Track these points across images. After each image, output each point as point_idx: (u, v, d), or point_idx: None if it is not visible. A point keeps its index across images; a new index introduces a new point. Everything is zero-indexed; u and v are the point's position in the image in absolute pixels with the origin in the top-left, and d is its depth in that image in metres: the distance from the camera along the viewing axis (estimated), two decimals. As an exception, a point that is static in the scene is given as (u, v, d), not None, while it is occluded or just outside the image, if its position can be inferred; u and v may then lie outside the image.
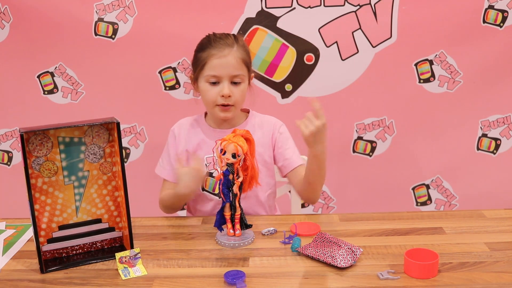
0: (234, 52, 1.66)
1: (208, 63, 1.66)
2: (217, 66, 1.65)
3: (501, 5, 2.32)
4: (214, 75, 1.66)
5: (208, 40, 1.70)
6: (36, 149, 1.32)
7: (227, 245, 1.43)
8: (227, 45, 1.66)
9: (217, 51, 1.65)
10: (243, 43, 1.72)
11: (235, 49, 1.67)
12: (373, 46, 2.38)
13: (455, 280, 1.23)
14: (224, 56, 1.65)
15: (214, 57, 1.65)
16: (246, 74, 1.70)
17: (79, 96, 2.47)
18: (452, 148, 2.49)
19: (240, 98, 1.69)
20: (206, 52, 1.67)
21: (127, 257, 1.32)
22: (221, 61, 1.65)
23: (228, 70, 1.65)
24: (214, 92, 1.67)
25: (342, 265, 1.28)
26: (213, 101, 1.68)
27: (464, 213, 1.62)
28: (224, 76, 1.66)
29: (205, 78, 1.67)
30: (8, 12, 2.37)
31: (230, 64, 1.65)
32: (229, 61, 1.65)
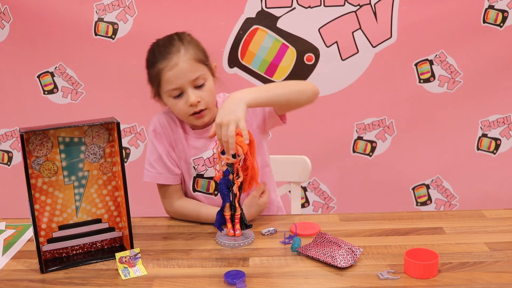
0: (183, 56, 1.52)
1: (163, 78, 1.53)
2: (172, 78, 1.51)
3: (501, 5, 2.32)
4: (174, 88, 1.53)
5: (153, 53, 1.57)
6: (36, 149, 1.32)
7: (227, 245, 1.43)
8: (173, 53, 1.52)
9: (166, 63, 1.52)
10: (190, 40, 1.58)
11: (182, 52, 1.53)
12: (373, 46, 2.38)
13: (455, 280, 1.23)
14: (175, 65, 1.51)
15: (165, 70, 1.52)
16: (206, 71, 1.56)
17: (79, 96, 2.47)
18: (452, 148, 2.49)
19: (209, 98, 1.56)
20: (156, 68, 1.53)
21: (127, 257, 1.32)
22: (174, 71, 1.51)
23: (185, 77, 1.52)
24: (181, 104, 1.54)
25: (342, 265, 1.28)
26: (185, 113, 1.56)
27: (464, 213, 1.62)
28: (184, 84, 1.52)
29: (167, 93, 1.55)
30: (8, 12, 2.38)
31: (184, 70, 1.51)
32: (182, 67, 1.51)
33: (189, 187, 1.67)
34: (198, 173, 1.64)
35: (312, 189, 2.58)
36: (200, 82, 1.54)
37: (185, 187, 1.69)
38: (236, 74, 2.42)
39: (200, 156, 1.62)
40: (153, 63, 1.55)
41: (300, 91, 1.58)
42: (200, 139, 1.63)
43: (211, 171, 1.62)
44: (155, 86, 1.58)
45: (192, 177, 1.65)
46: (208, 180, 1.65)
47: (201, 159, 1.62)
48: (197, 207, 1.62)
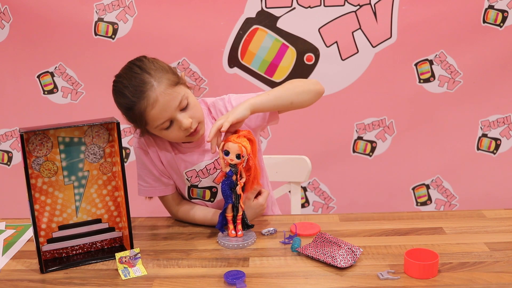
0: (158, 89, 1.42)
1: (148, 118, 1.44)
2: (157, 114, 1.43)
3: (501, 5, 2.32)
4: (163, 122, 1.44)
5: (124, 96, 1.45)
6: (36, 149, 1.32)
7: (231, 246, 1.43)
8: (147, 90, 1.42)
9: (145, 102, 1.41)
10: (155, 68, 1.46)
11: (155, 85, 1.42)
12: (373, 46, 2.38)
13: (455, 280, 1.23)
14: (155, 102, 1.41)
15: (147, 110, 1.42)
16: (183, 89, 1.47)
17: (79, 96, 2.47)
18: (452, 148, 2.49)
19: (198, 113, 1.49)
20: (136, 110, 1.43)
21: (127, 257, 1.32)
22: (157, 108, 1.42)
23: (170, 108, 1.43)
24: (175, 131, 1.47)
25: (342, 265, 1.28)
26: (181, 137, 1.50)
27: (464, 213, 1.62)
28: (172, 114, 1.44)
29: (158, 128, 1.47)
30: (8, 12, 2.38)
31: (167, 102, 1.42)
32: (163, 101, 1.42)
33: (185, 195, 1.65)
34: (192, 184, 1.61)
35: (312, 189, 2.58)
36: (184, 103, 1.45)
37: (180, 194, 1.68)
38: (236, 74, 2.42)
39: (193, 169, 1.58)
40: (130, 106, 1.44)
41: (304, 92, 1.55)
42: (191, 153, 1.58)
43: (205, 181, 1.60)
44: (141, 126, 1.50)
45: (186, 187, 1.63)
46: (203, 190, 1.62)
47: (193, 171, 1.59)
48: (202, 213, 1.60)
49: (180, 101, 1.44)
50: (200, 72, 2.42)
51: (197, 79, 2.43)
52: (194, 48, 2.40)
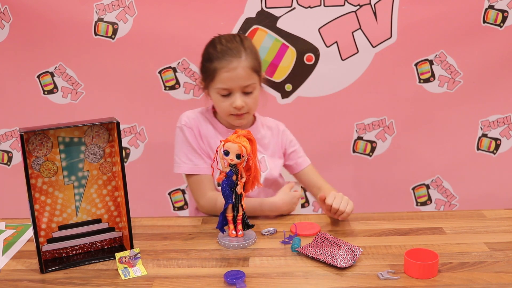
0: (242, 62, 1.62)
1: (217, 76, 1.62)
2: (226, 79, 1.61)
3: (501, 5, 2.32)
4: (224, 88, 1.63)
5: (215, 49, 1.65)
6: (36, 149, 1.32)
7: (231, 246, 1.43)
8: (234, 56, 1.62)
9: (226, 64, 1.61)
10: (251, 47, 1.67)
11: (243, 58, 1.62)
12: (373, 46, 2.38)
13: (455, 280, 1.23)
14: (233, 68, 1.61)
15: (223, 70, 1.61)
16: (256, 81, 1.67)
17: (79, 96, 2.47)
18: (452, 148, 2.49)
19: (253, 105, 1.68)
20: (214, 64, 1.63)
21: (127, 257, 1.32)
22: (230, 74, 1.61)
23: (238, 82, 1.62)
24: (227, 103, 1.64)
25: (342, 265, 1.28)
26: (227, 111, 1.66)
27: (464, 213, 1.62)
28: (235, 88, 1.63)
29: (216, 90, 1.65)
30: (8, 12, 2.37)
31: (240, 76, 1.61)
32: (239, 73, 1.61)
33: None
34: None
35: (312, 189, 2.57)
36: (249, 89, 1.64)
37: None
38: (236, 74, 2.41)
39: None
40: (212, 58, 1.64)
41: None
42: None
43: None
44: (207, 79, 1.67)
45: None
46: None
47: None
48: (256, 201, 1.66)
49: (248, 85, 1.63)
50: (200, 72, 2.42)
51: (197, 79, 2.43)
52: (194, 48, 2.38)
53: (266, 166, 1.76)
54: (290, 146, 1.82)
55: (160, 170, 2.53)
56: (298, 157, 1.83)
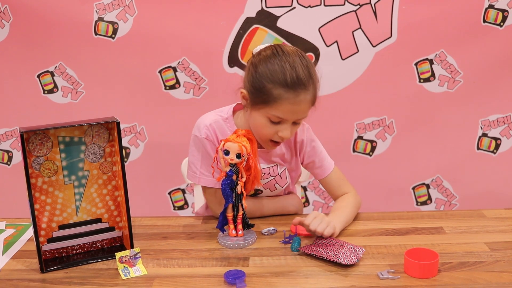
0: (307, 96, 1.45)
1: (279, 105, 1.44)
2: (287, 111, 1.45)
3: (501, 5, 2.32)
4: (280, 118, 1.46)
5: (282, 71, 1.43)
6: (36, 148, 1.32)
7: (231, 246, 1.43)
8: (303, 88, 1.44)
9: (293, 96, 1.43)
10: (315, 75, 1.49)
11: (310, 90, 1.46)
12: (373, 45, 2.38)
13: (455, 279, 1.23)
14: (299, 102, 1.44)
15: (287, 101, 1.43)
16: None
17: (79, 95, 2.47)
18: (452, 147, 2.49)
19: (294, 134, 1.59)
20: (279, 91, 1.43)
21: (127, 257, 1.32)
22: (294, 107, 1.44)
23: (297, 115, 1.48)
24: (273, 130, 1.49)
25: (345, 262, 1.28)
26: (269, 137, 1.52)
27: (464, 212, 1.62)
28: (290, 120, 1.48)
29: (268, 115, 1.47)
30: (8, 12, 2.37)
31: (302, 111, 1.47)
32: (301, 108, 1.46)
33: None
34: None
35: (312, 188, 2.58)
36: (300, 121, 1.52)
37: None
38: (236, 73, 2.42)
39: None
40: (278, 83, 1.43)
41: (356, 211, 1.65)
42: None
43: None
44: (260, 99, 1.47)
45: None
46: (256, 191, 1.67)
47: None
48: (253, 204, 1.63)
49: (303, 117, 1.50)
50: (200, 72, 2.42)
51: (197, 78, 2.43)
52: (194, 48, 2.40)
53: (287, 179, 1.70)
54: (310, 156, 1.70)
55: (160, 169, 2.53)
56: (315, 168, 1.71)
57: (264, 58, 1.48)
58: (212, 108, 1.89)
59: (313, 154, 1.69)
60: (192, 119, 1.96)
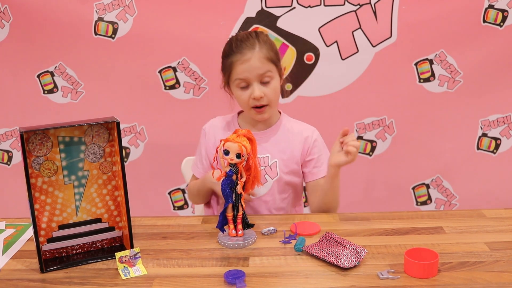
0: (256, 53, 1.65)
1: (234, 69, 1.67)
2: (242, 70, 1.65)
3: (501, 5, 2.32)
4: (241, 79, 1.66)
5: (230, 45, 1.70)
6: (36, 148, 1.32)
7: (231, 246, 1.43)
8: (248, 48, 1.66)
9: (240, 56, 1.65)
10: (266, 40, 1.70)
11: (257, 50, 1.66)
12: (373, 45, 2.38)
13: (455, 279, 1.23)
14: (247, 60, 1.65)
15: (238, 63, 1.66)
16: (274, 70, 1.69)
17: (79, 95, 2.47)
18: (452, 147, 2.49)
19: (273, 96, 1.70)
20: (230, 58, 1.68)
21: (127, 257, 1.32)
22: (245, 65, 1.65)
23: (254, 72, 1.65)
24: (246, 95, 1.68)
25: (345, 265, 1.28)
26: (247, 104, 1.69)
27: (464, 212, 1.62)
28: (251, 78, 1.66)
29: (235, 83, 1.68)
30: (8, 12, 2.38)
31: (255, 66, 1.65)
32: (253, 63, 1.65)
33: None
34: None
35: (312, 188, 2.57)
36: (266, 79, 1.67)
37: None
38: (236, 73, 2.42)
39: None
40: (228, 54, 1.69)
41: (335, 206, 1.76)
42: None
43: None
44: (226, 75, 1.72)
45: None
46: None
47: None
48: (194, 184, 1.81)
49: (264, 73, 1.66)
50: (200, 72, 2.42)
51: (197, 78, 2.43)
52: (194, 48, 2.40)
53: (277, 171, 1.75)
54: (310, 154, 1.78)
55: (160, 169, 2.53)
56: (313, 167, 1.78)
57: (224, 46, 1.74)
58: (212, 108, 1.91)
59: (316, 152, 1.78)
60: (192, 119, 1.97)
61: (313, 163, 1.77)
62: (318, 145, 1.79)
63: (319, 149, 1.79)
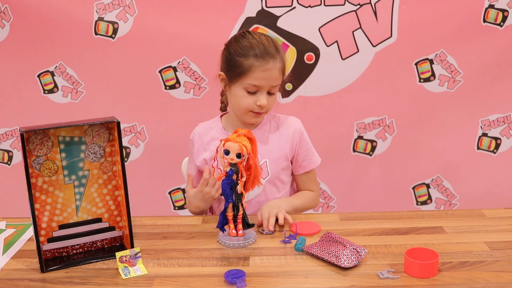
0: (277, 64, 1.65)
1: (252, 73, 1.63)
2: (260, 78, 1.64)
3: (501, 4, 2.32)
4: (255, 85, 1.65)
5: (251, 46, 1.66)
6: (36, 148, 1.32)
7: (231, 245, 1.43)
8: (270, 57, 1.64)
9: (263, 63, 1.63)
10: (281, 50, 1.70)
11: (278, 60, 1.66)
12: (373, 45, 2.38)
13: (455, 279, 1.23)
14: (269, 69, 1.64)
15: (259, 69, 1.63)
16: (279, 83, 1.71)
17: (79, 95, 2.47)
18: (452, 147, 2.49)
19: (271, 106, 1.72)
20: (250, 61, 1.64)
21: (127, 257, 1.32)
22: (265, 74, 1.64)
23: (270, 82, 1.65)
24: (251, 100, 1.66)
25: (346, 265, 1.28)
26: (248, 108, 1.68)
27: (464, 212, 1.62)
28: (264, 87, 1.65)
29: (245, 86, 1.66)
30: (8, 12, 2.38)
31: (273, 77, 1.65)
32: (272, 74, 1.65)
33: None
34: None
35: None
36: (274, 90, 1.69)
37: None
38: (236, 73, 2.42)
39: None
40: (248, 54, 1.64)
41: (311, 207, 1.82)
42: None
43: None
44: (236, 72, 1.66)
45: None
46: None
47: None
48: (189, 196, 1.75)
49: (275, 85, 1.68)
50: (200, 72, 2.42)
51: (197, 78, 2.43)
52: (194, 48, 2.40)
53: (268, 171, 1.75)
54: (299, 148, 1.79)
55: (160, 169, 2.53)
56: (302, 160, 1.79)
57: (234, 39, 1.72)
58: (212, 108, 1.90)
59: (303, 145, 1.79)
60: (192, 119, 1.96)
61: (302, 156, 1.79)
62: (304, 138, 1.80)
63: (306, 141, 1.80)
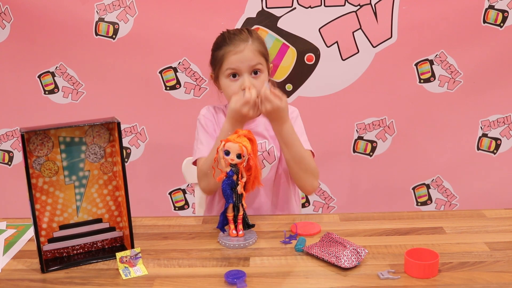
0: (249, 46, 1.68)
1: (226, 59, 1.68)
2: (234, 61, 1.67)
3: (502, 5, 2.32)
4: (233, 68, 1.67)
5: (223, 38, 1.73)
6: (36, 149, 1.32)
7: (232, 246, 1.43)
8: (242, 40, 1.69)
9: (233, 47, 1.68)
10: (258, 36, 1.74)
11: (250, 43, 1.69)
12: (373, 46, 2.38)
13: (455, 280, 1.23)
14: (240, 51, 1.67)
15: (231, 53, 1.68)
16: (264, 64, 1.71)
17: (79, 96, 2.47)
18: (452, 148, 2.50)
19: (261, 87, 1.67)
20: (223, 50, 1.70)
21: (127, 257, 1.32)
22: (238, 56, 1.67)
23: (246, 63, 1.67)
24: (236, 86, 1.68)
25: (346, 265, 1.28)
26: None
27: (464, 213, 1.62)
28: (243, 69, 1.67)
29: (225, 73, 1.69)
30: (9, 12, 2.38)
31: (247, 57, 1.67)
32: (246, 55, 1.67)
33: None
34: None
35: (313, 189, 2.58)
36: (257, 71, 1.68)
37: None
38: (236, 74, 2.42)
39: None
40: (221, 46, 1.71)
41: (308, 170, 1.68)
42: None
43: None
44: (216, 67, 1.73)
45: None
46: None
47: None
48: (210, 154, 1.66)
49: (256, 64, 1.67)
50: (201, 72, 2.43)
51: (198, 79, 2.43)
52: (194, 48, 2.40)
53: (275, 156, 1.75)
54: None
55: (160, 170, 2.53)
56: None
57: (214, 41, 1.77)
58: (212, 108, 1.88)
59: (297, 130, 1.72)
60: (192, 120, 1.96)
61: None
62: (298, 124, 1.78)
63: (299, 127, 1.78)
